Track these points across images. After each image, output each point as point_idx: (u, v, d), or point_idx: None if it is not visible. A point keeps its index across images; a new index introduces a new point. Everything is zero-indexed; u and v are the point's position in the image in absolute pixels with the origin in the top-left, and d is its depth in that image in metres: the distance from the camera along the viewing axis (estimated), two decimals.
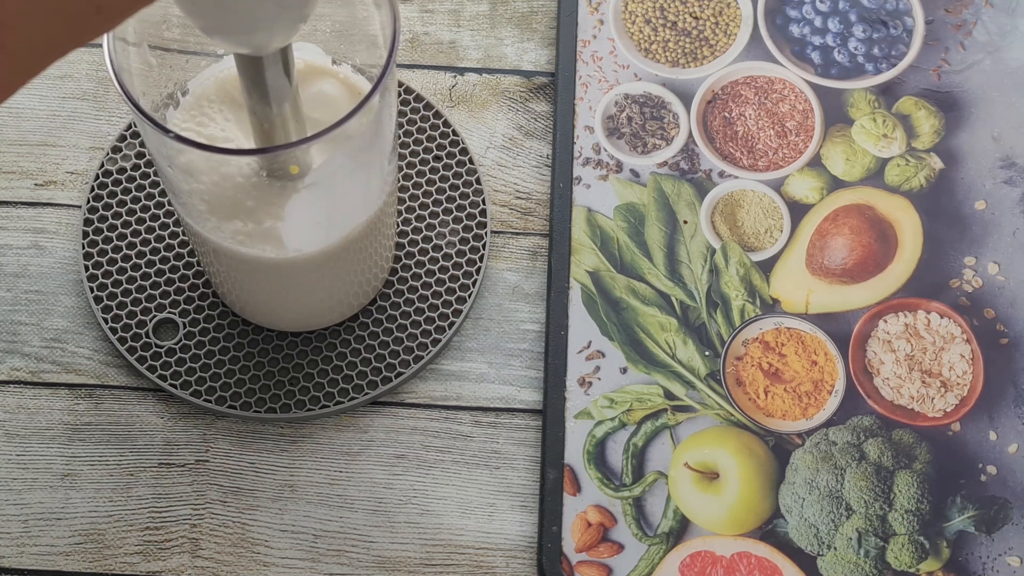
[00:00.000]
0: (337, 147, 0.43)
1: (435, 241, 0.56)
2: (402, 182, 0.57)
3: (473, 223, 0.56)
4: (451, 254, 0.55)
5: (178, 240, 0.55)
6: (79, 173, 0.58)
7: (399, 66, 0.60)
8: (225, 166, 0.45)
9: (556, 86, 0.59)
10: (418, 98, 0.58)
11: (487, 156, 0.58)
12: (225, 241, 0.46)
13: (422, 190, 0.57)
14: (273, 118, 0.43)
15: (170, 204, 0.56)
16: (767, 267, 0.55)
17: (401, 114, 0.58)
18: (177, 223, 0.56)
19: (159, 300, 0.54)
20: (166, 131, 0.40)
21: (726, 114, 0.58)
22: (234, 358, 0.53)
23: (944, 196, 0.57)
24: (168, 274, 0.55)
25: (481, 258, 0.55)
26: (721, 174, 0.57)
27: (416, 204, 0.56)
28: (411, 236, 0.56)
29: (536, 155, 0.58)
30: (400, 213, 0.56)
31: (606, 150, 0.57)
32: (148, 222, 0.56)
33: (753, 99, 0.59)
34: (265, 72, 0.41)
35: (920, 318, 0.55)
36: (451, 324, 0.54)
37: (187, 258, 0.55)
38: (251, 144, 0.47)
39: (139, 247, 0.55)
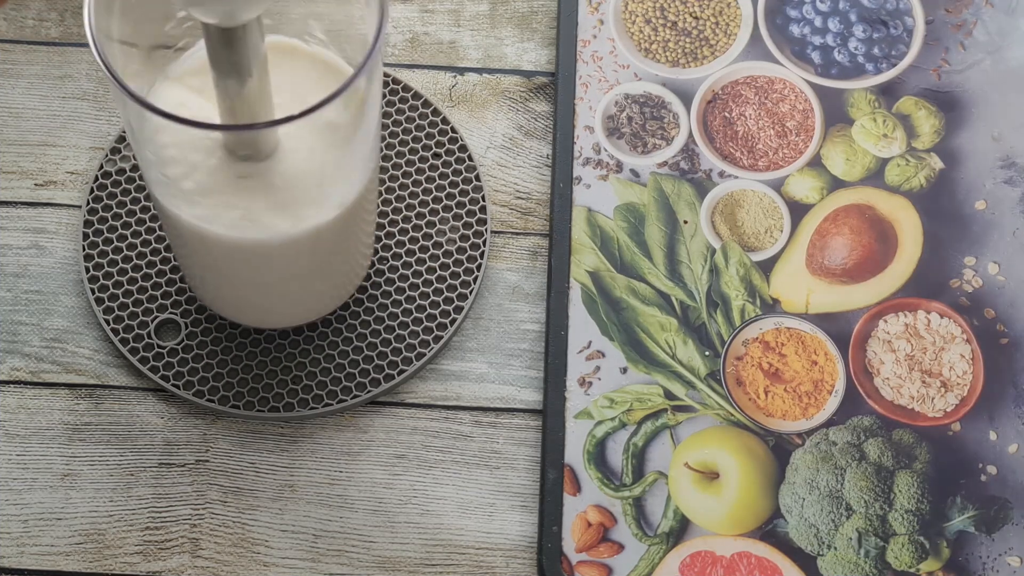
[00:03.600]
0: (320, 131, 0.43)
1: (435, 239, 0.56)
2: (402, 180, 0.57)
3: (473, 222, 0.56)
4: (451, 251, 0.55)
5: None
6: (79, 173, 0.58)
7: (399, 66, 0.60)
8: (203, 148, 0.45)
9: (556, 86, 0.59)
10: (416, 95, 0.58)
11: (487, 156, 0.58)
12: (203, 224, 0.46)
13: (422, 188, 0.57)
14: (242, 94, 0.43)
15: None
16: (767, 267, 0.55)
17: (400, 112, 0.58)
18: None
19: (160, 301, 0.54)
20: (146, 104, 0.39)
21: (726, 114, 0.58)
22: (236, 358, 0.53)
23: (944, 196, 0.57)
24: (169, 274, 0.55)
25: (481, 255, 0.55)
26: (721, 174, 0.57)
27: (416, 203, 0.56)
28: (411, 234, 0.56)
29: (536, 155, 0.58)
30: (400, 211, 0.56)
31: (606, 150, 0.57)
32: (148, 223, 0.56)
33: (753, 99, 0.59)
34: (234, 43, 0.41)
35: (920, 318, 0.55)
36: (451, 324, 0.54)
37: None
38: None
39: (139, 248, 0.55)
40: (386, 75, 0.59)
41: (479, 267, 0.55)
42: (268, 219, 0.46)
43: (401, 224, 0.56)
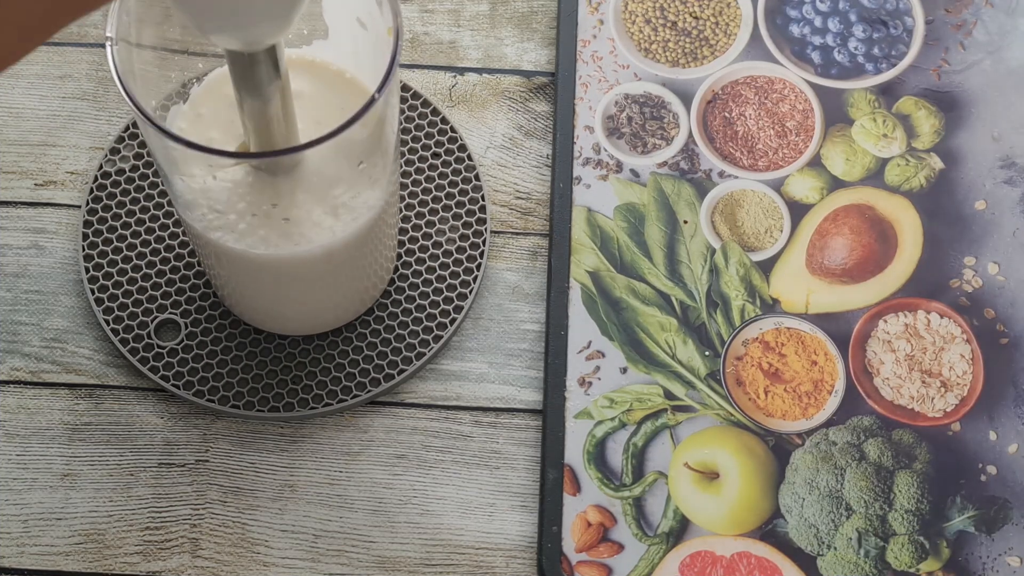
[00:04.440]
0: (341, 148, 0.43)
1: (435, 238, 0.56)
2: (401, 180, 0.57)
3: (473, 222, 0.56)
4: (451, 251, 0.55)
5: (178, 240, 0.55)
6: (79, 173, 0.58)
7: (399, 66, 0.60)
8: (228, 168, 0.45)
9: (556, 86, 0.59)
10: (415, 95, 0.58)
11: (487, 156, 0.58)
12: (229, 242, 0.46)
13: (421, 187, 0.57)
14: (266, 113, 0.43)
15: (171, 204, 0.56)
16: (767, 267, 0.55)
17: (400, 112, 0.58)
18: (178, 223, 0.56)
19: (160, 301, 0.54)
20: (172, 136, 0.40)
21: (726, 114, 0.58)
22: (236, 358, 0.53)
23: (944, 196, 0.57)
24: (169, 275, 0.55)
25: (481, 255, 0.55)
26: (721, 174, 0.57)
27: (416, 203, 0.56)
28: (411, 234, 0.56)
29: (536, 155, 0.58)
30: (400, 211, 0.56)
31: (606, 150, 0.57)
32: (148, 223, 0.56)
33: (753, 99, 0.59)
34: (255, 67, 0.41)
35: (920, 318, 0.55)
36: (451, 324, 0.54)
37: (188, 258, 0.55)
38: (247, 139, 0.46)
39: (139, 248, 0.55)
40: None
41: (479, 267, 0.55)
42: (293, 236, 0.46)
43: (401, 224, 0.56)
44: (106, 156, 0.57)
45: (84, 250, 0.55)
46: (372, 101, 0.41)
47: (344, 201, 0.46)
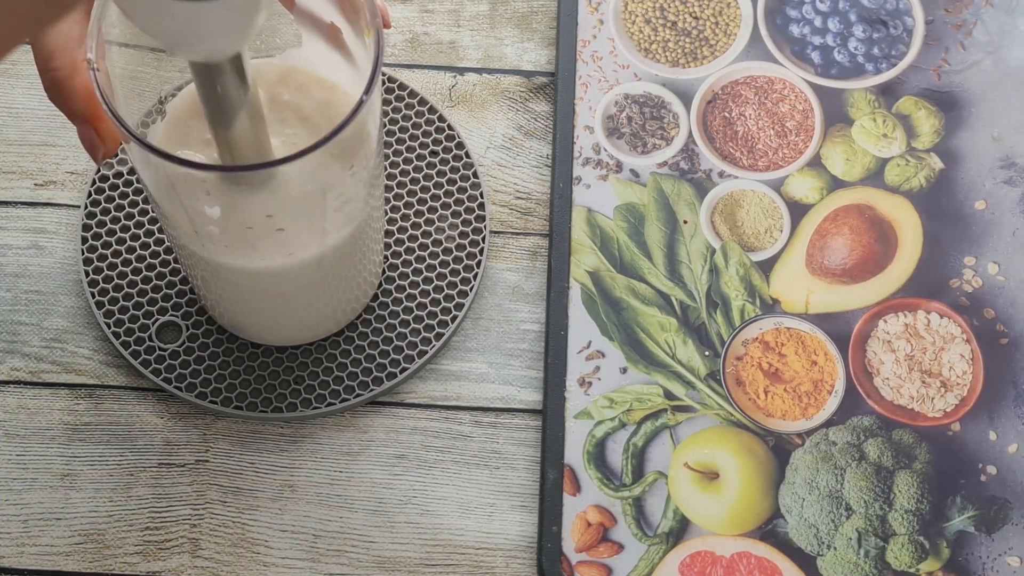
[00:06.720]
0: (332, 153, 0.43)
1: (435, 237, 0.56)
2: (400, 179, 0.57)
3: (472, 220, 0.56)
4: (451, 250, 0.55)
5: None
6: (79, 173, 0.58)
7: (399, 66, 0.60)
8: (216, 187, 0.45)
9: (556, 86, 0.59)
10: (412, 94, 0.58)
11: (487, 156, 0.58)
12: (223, 258, 0.46)
13: (419, 186, 0.57)
14: (235, 126, 0.42)
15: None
16: (767, 267, 0.55)
17: (396, 111, 0.58)
18: None
19: (161, 303, 0.54)
20: (162, 153, 0.39)
21: (726, 114, 0.58)
22: (238, 359, 0.53)
23: (944, 196, 0.57)
24: (169, 276, 0.55)
25: (481, 252, 0.55)
26: (721, 174, 0.57)
27: (416, 202, 0.56)
28: (411, 233, 0.56)
29: (536, 155, 0.58)
30: (399, 209, 0.56)
31: (606, 150, 0.57)
32: (147, 224, 0.55)
33: (753, 99, 0.59)
34: (218, 79, 0.40)
35: (920, 318, 0.55)
36: (452, 322, 0.54)
37: None
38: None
39: (139, 250, 0.55)
40: (385, 75, 0.59)
41: (479, 264, 0.55)
42: (288, 246, 0.46)
43: (400, 223, 0.56)
44: None
45: (83, 253, 0.55)
46: (361, 104, 0.41)
47: (336, 205, 0.46)
